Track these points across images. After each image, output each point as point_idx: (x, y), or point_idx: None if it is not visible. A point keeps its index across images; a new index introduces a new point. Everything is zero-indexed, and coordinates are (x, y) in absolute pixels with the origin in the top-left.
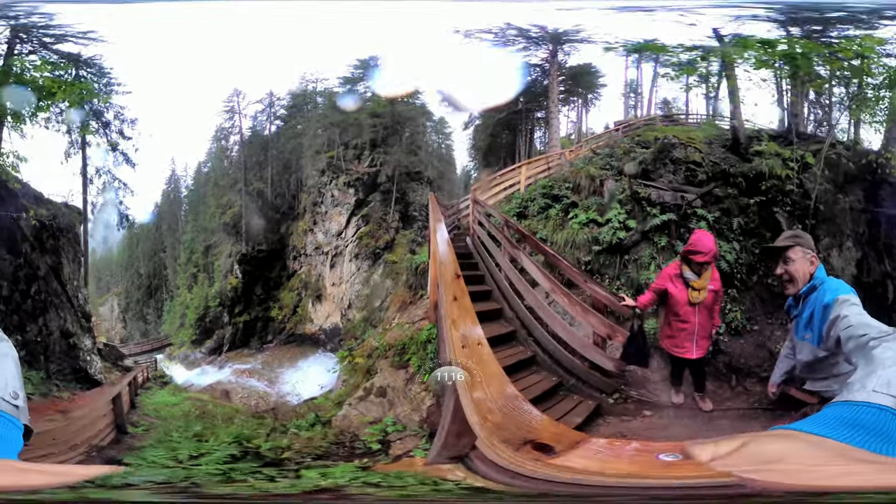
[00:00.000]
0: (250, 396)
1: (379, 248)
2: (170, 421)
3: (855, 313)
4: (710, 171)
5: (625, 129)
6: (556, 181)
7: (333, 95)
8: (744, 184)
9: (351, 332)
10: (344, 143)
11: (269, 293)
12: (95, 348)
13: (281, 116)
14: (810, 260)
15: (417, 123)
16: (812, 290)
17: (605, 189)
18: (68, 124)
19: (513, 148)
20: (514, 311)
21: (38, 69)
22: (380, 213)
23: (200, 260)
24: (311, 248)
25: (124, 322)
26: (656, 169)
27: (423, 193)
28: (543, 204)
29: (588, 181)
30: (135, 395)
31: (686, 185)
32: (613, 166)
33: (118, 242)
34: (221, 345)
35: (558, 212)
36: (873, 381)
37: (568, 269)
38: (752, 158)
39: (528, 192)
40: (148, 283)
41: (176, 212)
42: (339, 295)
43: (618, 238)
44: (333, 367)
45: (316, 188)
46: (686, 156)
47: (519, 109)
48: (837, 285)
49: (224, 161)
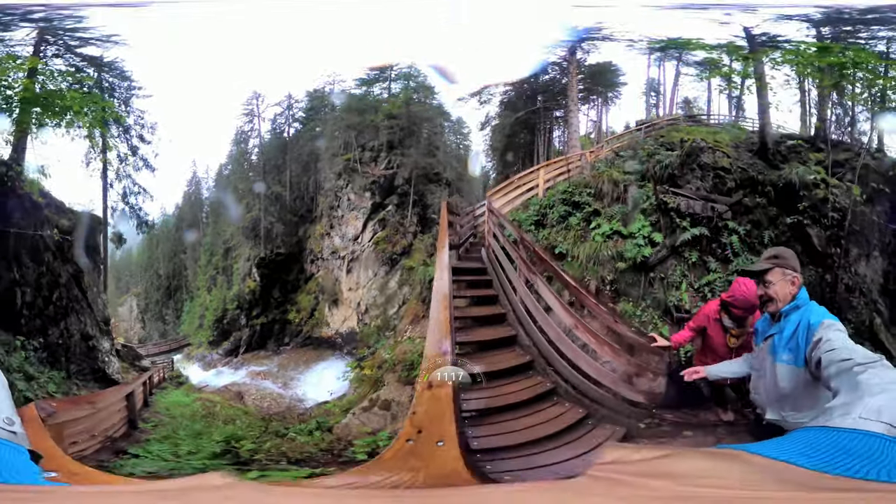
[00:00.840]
0: (263, 398)
1: (396, 254)
2: (178, 419)
3: (840, 338)
4: (738, 177)
5: (647, 129)
6: (577, 186)
7: (350, 98)
8: (772, 193)
9: (364, 341)
10: (361, 146)
11: (287, 296)
12: (114, 350)
13: (299, 119)
14: (791, 280)
15: (435, 124)
16: (794, 309)
17: (629, 196)
18: (90, 132)
19: (531, 148)
20: (530, 338)
21: (63, 76)
22: (397, 218)
23: (220, 262)
24: (327, 252)
25: (143, 322)
26: (683, 174)
27: (441, 196)
28: (563, 212)
29: (611, 186)
30: (149, 393)
31: (714, 194)
32: (637, 170)
33: (137, 244)
34: (238, 346)
35: (579, 221)
36: (859, 408)
37: (595, 308)
38: (779, 165)
39: (546, 197)
40: (167, 284)
41: (197, 213)
42: (355, 300)
43: (643, 255)
44: (343, 373)
45: (332, 191)
46: (714, 161)
47: (537, 108)
48: (823, 310)
49: (244, 164)
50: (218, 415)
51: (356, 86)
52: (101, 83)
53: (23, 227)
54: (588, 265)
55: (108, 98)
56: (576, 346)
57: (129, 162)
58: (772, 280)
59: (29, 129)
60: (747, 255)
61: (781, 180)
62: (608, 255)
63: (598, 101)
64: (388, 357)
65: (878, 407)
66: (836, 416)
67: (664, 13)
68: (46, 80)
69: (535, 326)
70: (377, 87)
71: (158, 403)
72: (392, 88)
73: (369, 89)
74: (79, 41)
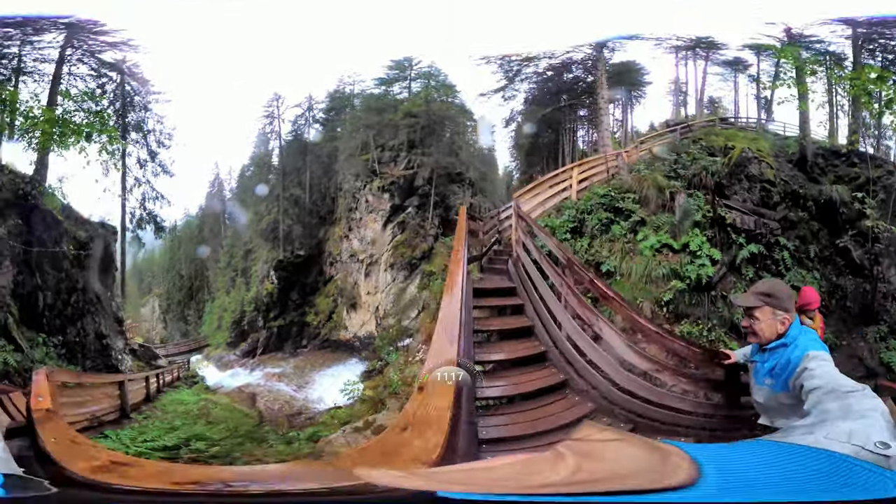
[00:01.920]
0: (276, 400)
1: (415, 259)
2: (170, 415)
3: (823, 368)
4: (782, 190)
5: (683, 130)
6: (617, 189)
7: (369, 97)
8: (814, 208)
9: (377, 352)
10: (380, 146)
11: (306, 298)
12: (127, 349)
13: (319, 120)
14: (781, 321)
15: (457, 123)
16: (781, 346)
17: (677, 205)
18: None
19: (555, 147)
20: (585, 380)
21: (81, 98)
22: (417, 220)
23: (240, 264)
24: (346, 254)
25: (165, 323)
26: (731, 184)
27: (464, 197)
28: (605, 219)
29: (655, 192)
30: (158, 390)
31: (762, 208)
32: (680, 174)
33: (160, 245)
34: (255, 348)
35: (625, 231)
36: (826, 429)
37: (666, 339)
38: (818, 178)
39: (582, 200)
40: (189, 285)
41: (219, 215)
42: (373, 304)
43: (707, 275)
44: (348, 388)
45: (350, 193)
46: (760, 172)
47: (562, 106)
48: (808, 343)
49: (262, 166)
50: (209, 415)
51: (375, 85)
52: (124, 87)
53: (44, 241)
54: (640, 283)
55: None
56: (656, 389)
57: (147, 167)
58: (759, 317)
59: (49, 149)
60: (797, 270)
61: (823, 196)
62: (661, 273)
63: (622, 100)
64: (394, 380)
65: (850, 430)
66: (796, 434)
67: (695, 11)
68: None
69: (592, 369)
70: (397, 86)
71: (163, 400)
72: (412, 88)
73: (389, 88)
74: (102, 45)
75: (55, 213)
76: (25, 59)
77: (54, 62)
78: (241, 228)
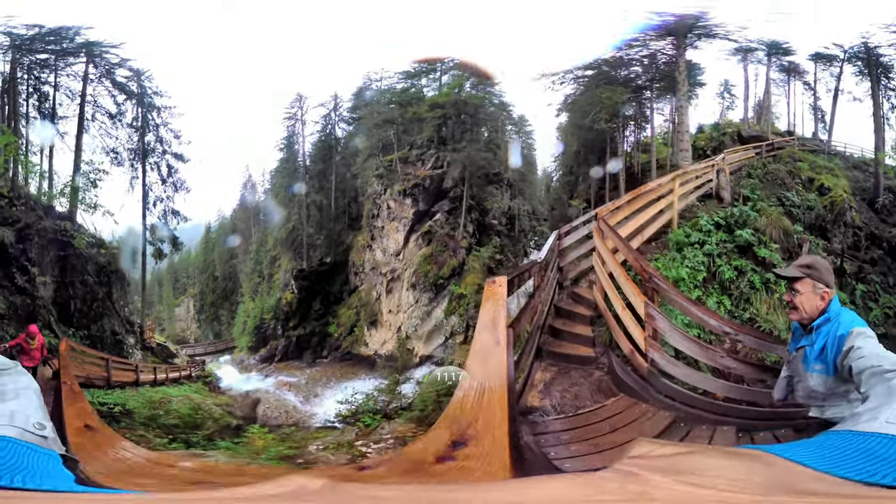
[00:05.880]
0: (277, 409)
1: (442, 278)
2: (140, 397)
3: (870, 345)
4: (865, 233)
5: (768, 149)
6: (739, 222)
7: (391, 92)
8: (887, 247)
9: (389, 386)
10: (409, 144)
11: (329, 308)
12: (139, 345)
13: (346, 119)
14: (821, 295)
15: (494, 117)
16: (825, 322)
17: (804, 253)
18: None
19: (604, 146)
20: None
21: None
22: (446, 230)
23: (266, 270)
24: (368, 266)
25: (199, 323)
26: (833, 229)
27: (502, 200)
28: (745, 268)
29: (780, 233)
30: (155, 381)
31: (854, 252)
32: (794, 214)
33: (195, 245)
34: (273, 355)
35: (760, 282)
36: (886, 413)
37: None
38: (886, 218)
39: (690, 229)
40: (223, 286)
41: (250, 218)
42: (395, 323)
43: None
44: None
45: (371, 197)
46: (852, 218)
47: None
48: (852, 318)
49: (285, 170)
50: (191, 414)
51: (400, 79)
52: (143, 99)
53: (75, 266)
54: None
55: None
56: None
57: (168, 182)
58: (800, 290)
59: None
60: (885, 295)
61: (894, 239)
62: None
63: (672, 100)
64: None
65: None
66: (863, 421)
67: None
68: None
69: None
70: (425, 79)
71: (148, 387)
72: (442, 81)
73: (416, 81)
74: (121, 60)
75: (81, 249)
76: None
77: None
78: (269, 231)
